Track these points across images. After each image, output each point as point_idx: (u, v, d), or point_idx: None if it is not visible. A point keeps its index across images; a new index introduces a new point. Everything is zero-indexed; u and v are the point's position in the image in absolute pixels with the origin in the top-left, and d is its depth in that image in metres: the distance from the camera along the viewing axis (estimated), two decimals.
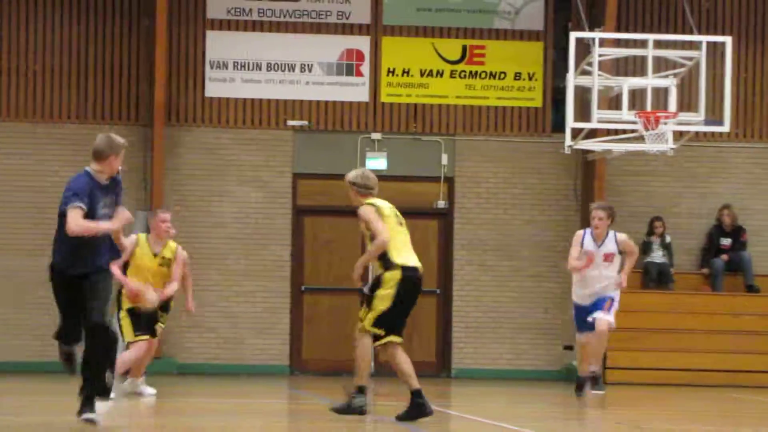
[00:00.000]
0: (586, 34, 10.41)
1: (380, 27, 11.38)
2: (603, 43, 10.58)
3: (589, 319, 8.19)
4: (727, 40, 10.26)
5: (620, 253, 8.38)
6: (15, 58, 11.01)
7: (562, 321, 10.86)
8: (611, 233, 8.34)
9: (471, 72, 11.37)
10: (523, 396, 9.96)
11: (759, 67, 11.27)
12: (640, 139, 10.20)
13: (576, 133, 10.38)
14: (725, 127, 10.31)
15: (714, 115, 10.31)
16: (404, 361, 5.42)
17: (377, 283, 5.44)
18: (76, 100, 11.06)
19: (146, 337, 7.57)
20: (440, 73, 11.32)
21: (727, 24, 11.20)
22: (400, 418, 5.42)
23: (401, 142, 11.18)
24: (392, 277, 5.30)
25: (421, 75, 11.30)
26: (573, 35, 10.20)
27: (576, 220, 10.95)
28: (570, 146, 10.42)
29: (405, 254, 5.45)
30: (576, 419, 8.09)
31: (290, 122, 11.19)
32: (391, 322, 5.35)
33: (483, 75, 11.40)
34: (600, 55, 10.39)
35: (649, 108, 10.11)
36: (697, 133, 10.64)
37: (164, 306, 7.72)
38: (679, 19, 11.09)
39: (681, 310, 10.81)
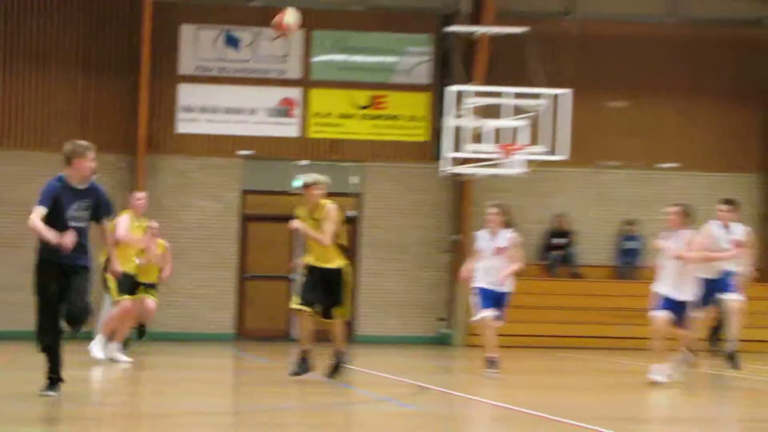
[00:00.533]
0: (458, 88, 13.36)
1: (309, 81, 14.82)
2: (474, 94, 13.93)
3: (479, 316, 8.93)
4: (568, 92, 13.24)
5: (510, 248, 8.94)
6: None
7: (437, 300, 14.37)
8: (505, 231, 8.98)
9: (375, 115, 14.82)
10: (408, 354, 13.36)
11: (591, 110, 14.63)
12: (500, 165, 13.30)
13: (456, 161, 13.77)
14: (565, 156, 13.72)
15: (555, 147, 13.65)
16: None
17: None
18: (80, 134, 14.51)
19: (129, 296, 9.15)
20: (353, 116, 14.77)
21: (567, 77, 14.59)
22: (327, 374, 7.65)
23: (323, 167, 14.51)
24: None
25: (339, 117, 14.76)
26: (448, 90, 13.30)
27: (449, 225, 14.49)
28: (444, 171, 13.54)
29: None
30: (444, 372, 11.32)
31: (240, 152, 14.61)
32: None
33: (384, 117, 14.85)
34: (471, 103, 13.78)
35: (507, 142, 13.08)
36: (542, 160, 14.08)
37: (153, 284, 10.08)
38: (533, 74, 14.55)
39: (526, 291, 14.11)
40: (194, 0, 14.82)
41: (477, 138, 13.38)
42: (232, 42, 14.59)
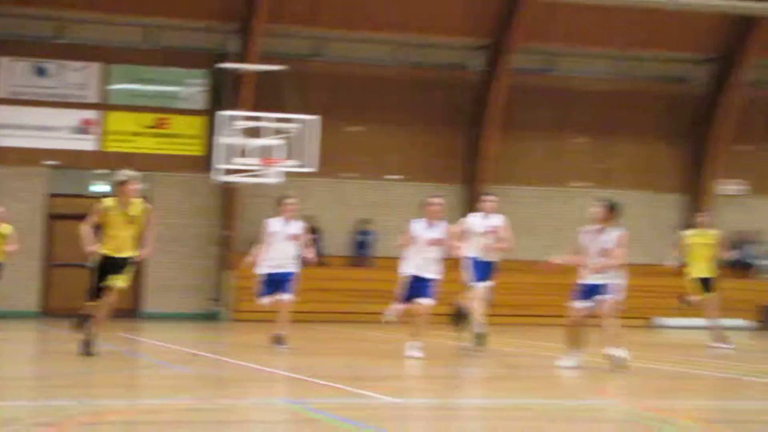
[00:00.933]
0: (228, 113, 15.93)
1: (106, 105, 17.75)
2: (242, 118, 16.60)
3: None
4: (316, 118, 15.68)
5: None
6: None
7: (209, 283, 17.80)
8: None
9: (161, 133, 17.91)
10: (184, 328, 16.10)
11: (334, 133, 17.97)
12: (261, 175, 15.99)
13: (226, 172, 16.78)
14: (314, 169, 16.94)
15: (305, 161, 16.79)
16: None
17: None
18: None
19: None
20: (142, 134, 17.74)
21: (316, 106, 17.86)
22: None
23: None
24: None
25: (131, 134, 17.74)
26: (219, 114, 16.03)
27: (220, 224, 17.90)
28: (216, 180, 16.23)
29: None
30: (213, 342, 13.27)
31: (47, 162, 17.59)
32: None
33: (168, 135, 17.94)
34: (239, 125, 16.42)
35: (267, 157, 15.73)
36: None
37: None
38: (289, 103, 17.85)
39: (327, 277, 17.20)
40: (10, 36, 17.38)
41: (243, 153, 16.00)
42: (41, 72, 17.49)
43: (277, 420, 5.40)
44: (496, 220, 10.26)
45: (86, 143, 17.69)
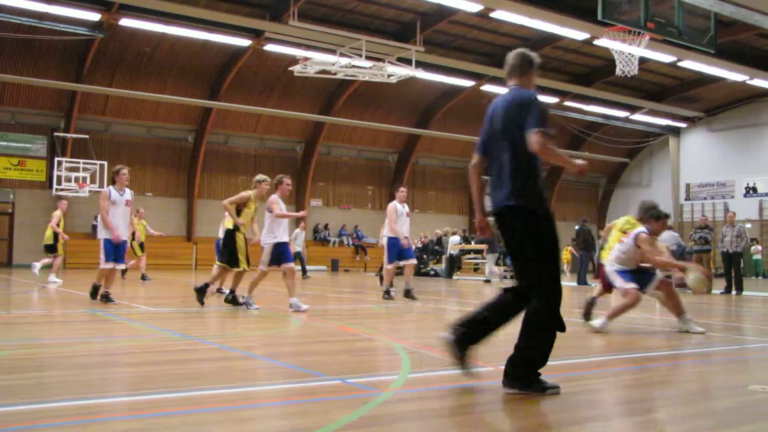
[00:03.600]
0: (58, 158, 33.72)
1: None
2: (66, 161, 34.06)
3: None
4: (105, 162, 34.30)
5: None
6: None
7: None
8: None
9: (22, 168, 34.36)
10: None
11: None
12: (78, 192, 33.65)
13: (59, 190, 33.55)
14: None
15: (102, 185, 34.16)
16: None
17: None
18: None
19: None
20: (11, 168, 34.09)
21: (106, 156, 35.28)
22: None
23: None
24: None
25: (3, 169, 33.96)
26: (55, 159, 33.57)
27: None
28: (53, 194, 33.55)
29: None
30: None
31: None
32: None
33: (25, 170, 34.41)
34: (65, 165, 33.95)
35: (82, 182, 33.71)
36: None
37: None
38: None
39: None
40: None
41: (68, 180, 33.56)
42: None
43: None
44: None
45: None
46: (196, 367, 6.27)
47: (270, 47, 31.40)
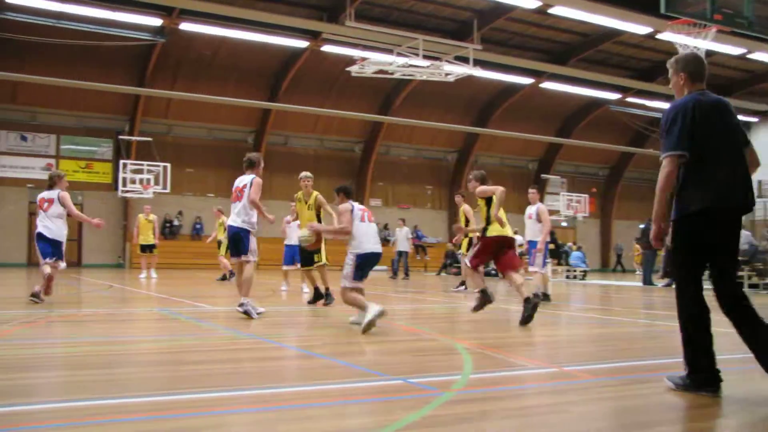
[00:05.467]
0: (123, 161, 34.55)
1: (58, 155, 34.92)
2: (131, 164, 34.89)
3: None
4: (168, 164, 35.08)
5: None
6: None
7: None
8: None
9: (89, 171, 35.29)
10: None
11: (179, 173, 36.35)
12: (142, 193, 34.42)
13: (125, 191, 34.34)
14: (168, 190, 35.00)
15: (164, 186, 34.93)
16: None
17: None
18: None
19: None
20: (79, 171, 35.01)
21: (169, 158, 36.04)
22: None
23: None
24: None
25: (72, 172, 34.90)
26: (120, 162, 34.37)
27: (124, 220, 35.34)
28: (119, 195, 34.43)
29: None
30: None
31: (28, 184, 34.24)
32: None
33: (92, 172, 35.36)
34: (129, 167, 34.76)
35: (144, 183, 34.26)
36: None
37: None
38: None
39: None
40: (4, 118, 33.89)
41: (132, 182, 34.23)
42: (24, 138, 34.16)
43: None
44: None
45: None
46: (259, 365, 6.34)
47: (327, 48, 31.63)
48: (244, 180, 9.93)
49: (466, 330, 9.55)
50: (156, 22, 29.05)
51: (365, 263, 8.64)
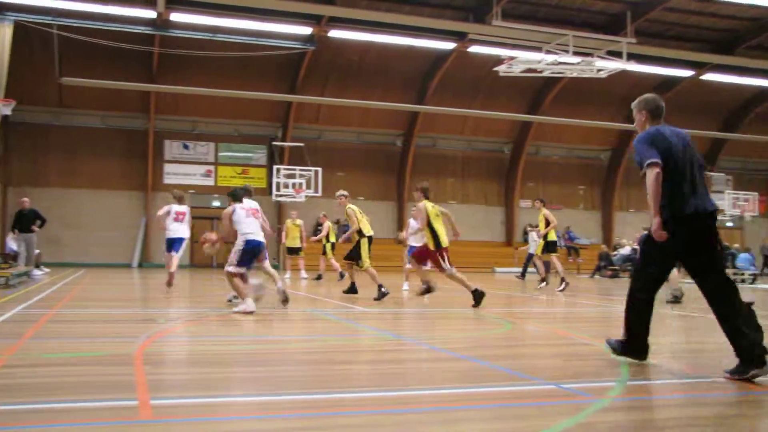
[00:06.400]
0: (277, 166, 35.70)
1: (217, 162, 36.65)
2: (284, 168, 36.01)
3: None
4: (320, 169, 36.02)
5: None
6: None
7: None
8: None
9: (245, 176, 36.81)
10: None
11: (329, 177, 37.16)
12: (295, 197, 35.51)
13: (279, 195, 35.60)
14: (320, 194, 35.99)
15: (315, 190, 35.81)
16: None
17: None
18: None
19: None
20: (235, 177, 36.61)
21: (320, 162, 37.00)
22: None
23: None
24: None
25: (230, 177, 36.55)
26: (274, 167, 35.62)
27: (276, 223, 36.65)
28: (273, 199, 35.70)
29: None
30: None
31: (190, 190, 36.12)
32: None
33: (248, 178, 36.83)
34: (283, 172, 35.91)
35: (298, 188, 35.57)
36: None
37: None
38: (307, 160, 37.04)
39: None
40: (168, 128, 35.98)
41: (285, 186, 35.33)
42: (186, 146, 36.16)
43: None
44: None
45: (209, 180, 36.23)
46: (405, 366, 6.28)
47: (474, 48, 31.43)
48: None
49: (619, 335, 9.06)
50: (306, 30, 29.91)
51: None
